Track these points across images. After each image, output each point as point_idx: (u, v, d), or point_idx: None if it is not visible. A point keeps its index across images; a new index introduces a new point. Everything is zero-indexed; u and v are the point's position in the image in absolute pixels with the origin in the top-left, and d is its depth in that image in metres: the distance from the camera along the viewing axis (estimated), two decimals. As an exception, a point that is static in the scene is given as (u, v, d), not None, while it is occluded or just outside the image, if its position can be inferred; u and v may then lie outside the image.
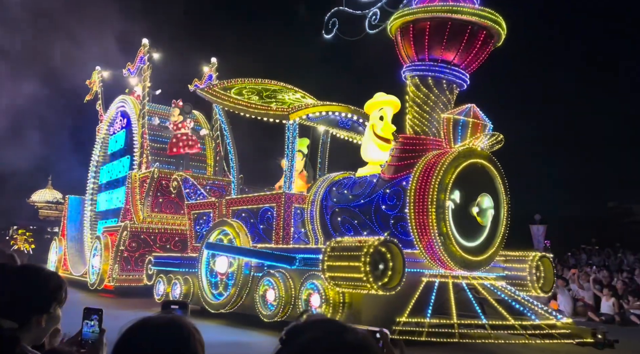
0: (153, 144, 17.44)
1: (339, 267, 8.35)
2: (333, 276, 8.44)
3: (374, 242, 8.05)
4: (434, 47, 9.84)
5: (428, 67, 9.97)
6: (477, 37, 9.74)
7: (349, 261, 8.15)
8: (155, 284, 12.95)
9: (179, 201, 16.55)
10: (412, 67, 10.16)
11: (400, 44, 10.31)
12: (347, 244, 8.41)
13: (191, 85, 19.51)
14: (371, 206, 10.08)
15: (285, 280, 9.71)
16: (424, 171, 9.19)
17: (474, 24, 9.62)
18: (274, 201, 11.12)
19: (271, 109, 11.32)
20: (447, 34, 9.66)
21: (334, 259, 8.45)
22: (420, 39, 9.89)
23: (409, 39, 10.01)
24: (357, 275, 8.03)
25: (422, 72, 10.01)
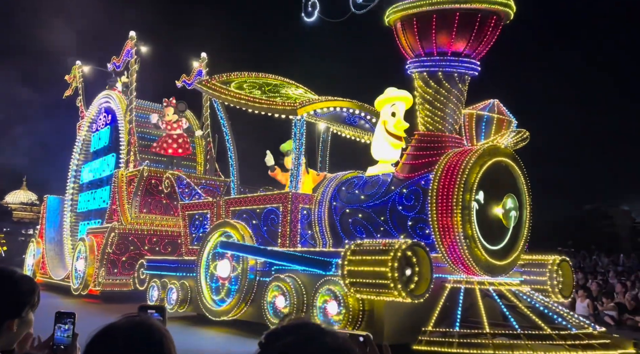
0: (141, 141, 16.62)
1: (361, 272, 7.76)
2: (354, 282, 7.84)
3: (401, 246, 7.48)
4: (442, 40, 9.26)
5: (437, 62, 9.39)
6: (488, 23, 9.19)
7: (374, 266, 7.56)
8: (148, 290, 12.17)
9: (169, 201, 15.80)
10: (419, 62, 9.59)
11: (402, 37, 9.72)
12: (370, 248, 7.82)
13: (179, 81, 18.72)
14: (386, 206, 9.51)
15: (297, 285, 9.08)
16: (447, 169, 8.66)
17: (483, 10, 9.09)
18: (279, 201, 10.48)
19: (277, 104, 10.68)
20: (457, 25, 9.10)
21: (355, 264, 7.85)
22: (426, 32, 9.30)
23: (413, 32, 9.43)
24: (383, 281, 7.44)
25: (431, 68, 9.45)
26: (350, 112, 11.47)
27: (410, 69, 9.76)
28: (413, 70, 9.73)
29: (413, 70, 9.73)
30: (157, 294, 11.84)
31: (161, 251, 15.24)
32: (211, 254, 10.99)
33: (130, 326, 1.68)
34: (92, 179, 18.87)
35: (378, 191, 9.76)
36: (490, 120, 8.98)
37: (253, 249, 10.10)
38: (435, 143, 9.48)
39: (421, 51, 9.51)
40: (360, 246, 8.00)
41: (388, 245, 7.61)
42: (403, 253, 7.39)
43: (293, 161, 10.59)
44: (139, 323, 1.70)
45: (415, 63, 9.65)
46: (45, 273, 18.92)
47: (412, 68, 9.72)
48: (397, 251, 7.39)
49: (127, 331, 1.65)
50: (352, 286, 7.86)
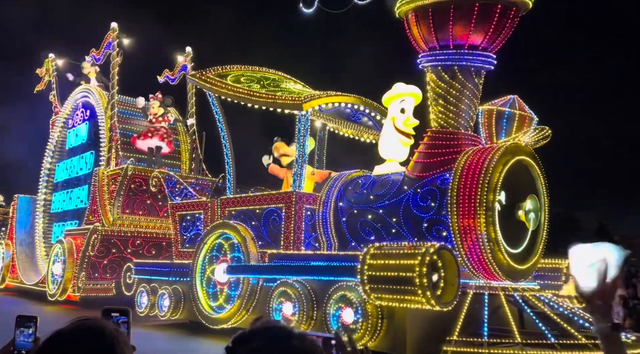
0: (124, 138, 15.79)
1: (384, 277, 7.22)
2: (376, 287, 7.30)
3: (429, 249, 6.97)
4: (459, 32, 8.79)
5: (452, 55, 8.93)
6: (507, 15, 8.76)
7: (399, 271, 7.04)
8: (136, 295, 11.40)
9: (153, 201, 15.04)
10: (433, 56, 9.11)
11: (415, 29, 9.23)
12: (394, 251, 7.29)
13: (161, 76, 17.94)
14: (398, 207, 9.01)
15: (306, 291, 8.50)
16: (467, 168, 8.20)
17: (503, 1, 8.65)
18: (282, 201, 9.88)
19: (280, 99, 10.08)
20: (475, 16, 8.63)
21: (377, 269, 7.31)
22: (443, 24, 8.80)
23: (428, 23, 8.94)
24: (409, 287, 6.92)
25: (446, 61, 8.97)
26: (355, 109, 10.94)
27: (422, 63, 9.28)
28: (425, 64, 9.25)
29: (425, 64, 9.25)
30: (147, 300, 11.09)
31: (145, 254, 14.46)
32: (208, 258, 10.32)
33: (79, 330, 1.58)
34: (68, 177, 17.90)
35: (389, 191, 9.25)
36: (511, 116, 8.57)
37: (270, 269, 9.35)
38: (450, 141, 9.01)
39: (435, 44, 9.03)
40: (381, 250, 7.47)
41: (414, 248, 7.09)
42: (431, 257, 6.88)
43: (297, 159, 10.00)
44: (88, 327, 1.59)
45: (428, 56, 9.16)
46: (15, 278, 17.86)
47: (425, 62, 9.23)
48: (425, 255, 6.88)
49: (76, 336, 1.57)
50: (373, 292, 7.33)
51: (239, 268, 9.56)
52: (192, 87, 17.05)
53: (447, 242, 8.33)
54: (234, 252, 9.88)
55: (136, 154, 15.60)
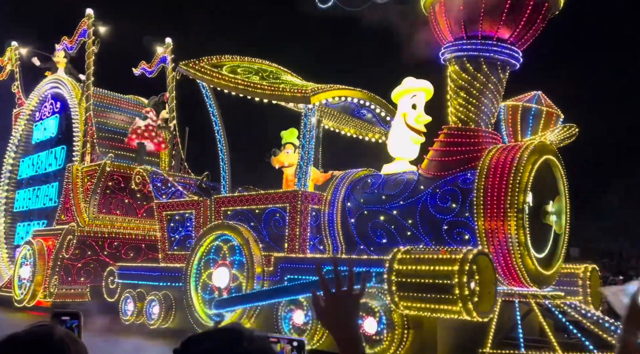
0: (100, 133, 14.77)
1: (416, 285, 6.64)
2: (405, 295, 6.71)
3: (468, 255, 6.42)
4: (489, 24, 8.34)
5: (479, 46, 8.46)
6: (539, 11, 8.33)
7: (435, 278, 6.47)
8: (121, 302, 10.51)
9: (132, 200, 14.10)
10: (458, 46, 8.62)
11: (442, 19, 8.73)
12: (426, 256, 6.72)
13: (136, 69, 16.94)
14: (415, 208, 8.47)
15: (320, 299, 7.84)
16: (495, 167, 7.71)
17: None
18: (285, 200, 9.21)
19: (284, 91, 9.40)
20: (507, 8, 8.17)
21: (407, 275, 6.73)
22: (473, 14, 8.34)
23: (458, 13, 8.46)
24: (447, 296, 6.36)
25: (472, 52, 8.49)
26: (360, 104, 10.34)
27: (445, 55, 8.78)
28: (449, 55, 8.75)
29: (449, 55, 8.75)
30: (133, 306, 10.23)
31: (122, 257, 13.50)
32: (204, 261, 9.54)
33: (28, 337, 1.52)
34: (34, 174, 16.70)
35: (403, 191, 8.70)
36: (538, 113, 8.14)
37: (273, 293, 8.57)
38: (469, 138, 8.53)
39: (463, 34, 8.52)
40: (410, 254, 6.89)
41: (451, 253, 6.54)
42: (471, 264, 6.34)
43: (302, 155, 9.34)
44: (37, 333, 1.53)
45: (452, 47, 8.65)
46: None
47: (449, 52, 8.72)
48: (465, 262, 6.33)
49: (25, 342, 1.50)
50: (402, 300, 6.74)
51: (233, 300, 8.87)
52: (172, 80, 16.15)
53: (470, 246, 7.83)
54: (234, 255, 9.15)
55: (115, 150, 14.61)
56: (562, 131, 8.10)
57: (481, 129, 8.54)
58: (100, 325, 10.70)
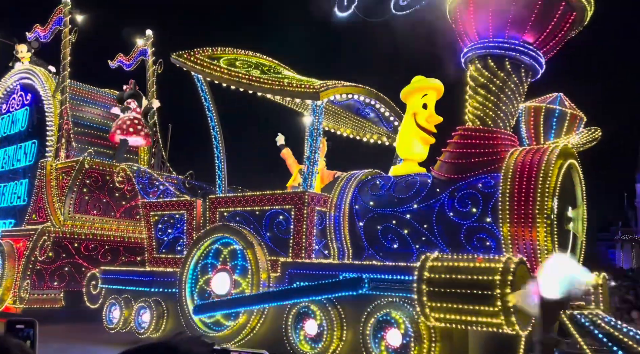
0: (76, 127, 13.89)
1: (451, 295, 6.19)
2: (438, 306, 6.26)
3: (509, 264, 6.01)
4: (517, 26, 8.00)
5: (507, 45, 8.10)
6: (566, 19, 8.05)
7: (474, 288, 6.03)
8: (105, 309, 9.75)
9: (110, 199, 13.28)
10: (483, 44, 8.25)
11: (468, 21, 8.36)
12: (462, 264, 6.28)
13: (113, 61, 16.10)
14: (431, 212, 8.04)
15: (334, 308, 7.34)
16: (521, 171, 7.33)
17: (568, 3, 7.90)
18: (290, 202, 8.66)
19: (290, 86, 8.86)
20: (537, 10, 7.84)
21: (440, 285, 6.27)
22: (501, 17, 7.98)
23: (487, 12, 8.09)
24: (488, 307, 5.93)
25: (499, 50, 8.12)
26: (366, 103, 9.88)
27: (468, 54, 8.41)
28: (471, 53, 8.36)
29: (471, 53, 8.36)
30: (119, 314, 9.48)
31: (100, 260, 12.71)
32: (201, 266, 8.91)
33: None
34: (0, 170, 15.63)
35: (417, 194, 8.27)
36: (562, 115, 7.83)
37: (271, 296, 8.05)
38: (487, 140, 8.15)
39: (489, 34, 8.16)
40: (442, 261, 6.44)
41: (489, 262, 6.12)
42: (515, 273, 5.93)
43: (308, 155, 8.82)
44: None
45: (477, 45, 8.26)
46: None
47: (472, 51, 8.34)
48: (507, 271, 5.91)
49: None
50: (434, 312, 6.28)
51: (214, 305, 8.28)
52: (152, 75, 15.37)
53: (491, 253, 7.47)
54: (235, 260, 8.55)
55: (92, 146, 13.76)
56: (586, 134, 7.82)
57: (500, 130, 8.19)
58: (76, 333, 9.94)
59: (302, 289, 7.50)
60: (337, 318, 7.24)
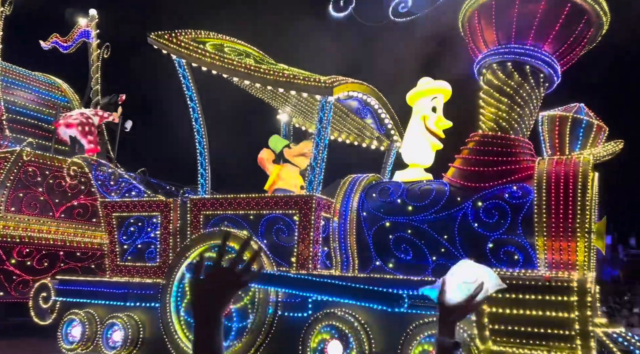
0: (9, 114, 12.08)
1: (515, 317, 5.64)
2: (498, 330, 5.68)
3: (584, 283, 5.55)
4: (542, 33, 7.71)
5: (531, 53, 7.80)
6: (584, 34, 7.88)
7: (545, 310, 5.51)
8: (62, 326, 8.32)
9: (49, 197, 11.64)
10: (504, 50, 7.89)
11: (488, 25, 7.98)
12: (525, 282, 5.74)
13: (46, 42, 14.31)
14: (452, 222, 7.52)
15: (362, 328, 6.57)
16: (556, 183, 6.97)
17: (590, 13, 7.71)
18: (294, 207, 7.82)
19: (297, 79, 8.02)
20: (563, 19, 7.58)
21: (501, 305, 5.71)
22: (528, 19, 7.65)
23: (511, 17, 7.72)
24: (559, 331, 5.44)
25: (523, 57, 7.80)
26: (366, 103, 9.21)
27: (486, 59, 8.01)
28: (490, 59, 7.98)
29: (490, 59, 7.98)
30: (81, 332, 8.11)
31: (35, 267, 11.06)
32: (189, 277, 7.79)
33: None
34: None
35: (435, 202, 7.72)
36: (589, 126, 7.57)
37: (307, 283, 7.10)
38: (508, 147, 7.81)
39: (511, 41, 7.80)
40: (507, 280, 5.86)
41: (560, 281, 5.63)
42: (593, 295, 5.48)
43: (315, 156, 8.00)
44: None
45: (496, 51, 7.88)
46: None
47: (490, 56, 7.96)
48: (585, 292, 5.46)
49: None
50: (495, 336, 5.70)
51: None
52: (96, 59, 13.77)
53: (518, 267, 7.05)
54: (235, 270, 7.53)
55: (25, 135, 12.03)
56: (611, 146, 7.62)
57: (519, 138, 7.87)
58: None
59: (335, 287, 6.61)
60: (368, 339, 6.47)
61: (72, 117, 11.63)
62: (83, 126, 11.53)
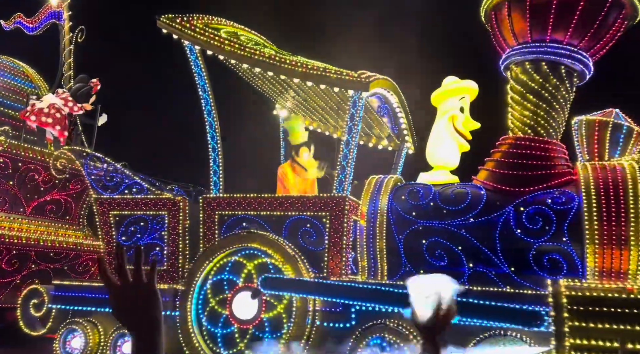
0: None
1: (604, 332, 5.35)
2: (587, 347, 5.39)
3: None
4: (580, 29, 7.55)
5: (564, 51, 7.63)
6: (622, 25, 7.75)
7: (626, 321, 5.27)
8: (60, 337, 7.42)
9: (19, 192, 10.55)
10: (541, 48, 7.68)
11: (518, 18, 7.75)
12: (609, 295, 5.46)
13: (8, 22, 13.05)
14: (493, 228, 7.24)
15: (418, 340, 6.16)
16: (605, 189, 6.81)
17: (627, 6, 7.60)
18: (325, 208, 7.31)
19: (329, 72, 7.50)
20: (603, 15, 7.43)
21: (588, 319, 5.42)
22: (566, 15, 7.46)
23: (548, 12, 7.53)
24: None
25: (558, 56, 7.62)
26: (386, 100, 8.80)
27: (515, 57, 7.79)
28: (523, 56, 7.74)
29: (523, 56, 7.74)
30: (83, 344, 7.25)
31: (3, 268, 9.96)
32: (212, 283, 7.13)
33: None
34: None
35: (472, 207, 7.41)
36: (629, 132, 7.46)
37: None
38: (544, 151, 7.63)
39: (547, 36, 7.58)
40: (581, 291, 5.58)
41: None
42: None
43: (345, 153, 7.52)
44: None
45: (531, 48, 7.65)
46: None
47: (523, 53, 7.72)
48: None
49: None
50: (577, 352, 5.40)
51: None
52: (68, 43, 12.63)
53: (561, 276, 6.86)
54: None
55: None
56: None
57: (556, 142, 7.71)
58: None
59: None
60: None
61: (42, 110, 10.57)
62: (53, 117, 10.53)
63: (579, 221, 6.88)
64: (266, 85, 9.17)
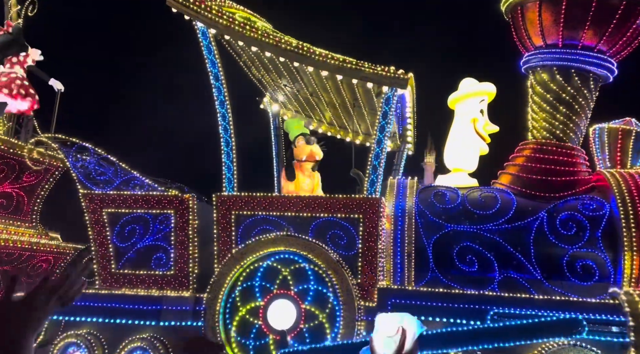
0: None
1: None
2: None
3: None
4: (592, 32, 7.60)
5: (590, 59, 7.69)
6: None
7: None
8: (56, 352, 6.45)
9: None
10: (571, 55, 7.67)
11: (536, 21, 7.74)
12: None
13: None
14: (527, 233, 7.15)
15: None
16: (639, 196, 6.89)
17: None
18: (358, 210, 6.87)
19: (362, 66, 7.06)
20: (618, 17, 7.49)
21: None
22: (578, 19, 7.51)
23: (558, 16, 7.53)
24: None
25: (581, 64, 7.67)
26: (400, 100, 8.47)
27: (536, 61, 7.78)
28: (550, 61, 7.73)
29: (550, 61, 7.73)
30: None
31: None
32: (240, 290, 6.46)
33: None
34: None
35: (504, 211, 7.27)
36: (651, 141, 7.60)
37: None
38: (568, 157, 7.67)
39: (559, 41, 7.60)
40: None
41: None
42: None
43: (377, 153, 7.11)
44: None
45: (561, 54, 7.63)
46: None
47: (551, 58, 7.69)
48: None
49: None
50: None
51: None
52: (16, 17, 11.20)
53: (593, 282, 6.89)
54: (305, 283, 6.40)
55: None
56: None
57: (577, 147, 7.77)
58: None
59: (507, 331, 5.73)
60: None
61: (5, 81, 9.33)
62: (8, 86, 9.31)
63: (613, 228, 6.92)
64: (267, 77, 8.60)
